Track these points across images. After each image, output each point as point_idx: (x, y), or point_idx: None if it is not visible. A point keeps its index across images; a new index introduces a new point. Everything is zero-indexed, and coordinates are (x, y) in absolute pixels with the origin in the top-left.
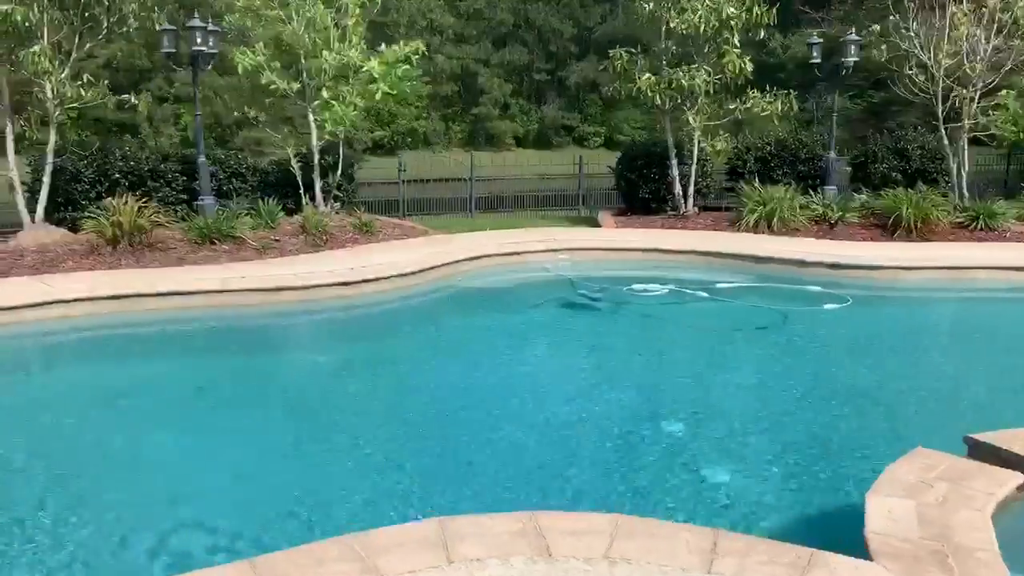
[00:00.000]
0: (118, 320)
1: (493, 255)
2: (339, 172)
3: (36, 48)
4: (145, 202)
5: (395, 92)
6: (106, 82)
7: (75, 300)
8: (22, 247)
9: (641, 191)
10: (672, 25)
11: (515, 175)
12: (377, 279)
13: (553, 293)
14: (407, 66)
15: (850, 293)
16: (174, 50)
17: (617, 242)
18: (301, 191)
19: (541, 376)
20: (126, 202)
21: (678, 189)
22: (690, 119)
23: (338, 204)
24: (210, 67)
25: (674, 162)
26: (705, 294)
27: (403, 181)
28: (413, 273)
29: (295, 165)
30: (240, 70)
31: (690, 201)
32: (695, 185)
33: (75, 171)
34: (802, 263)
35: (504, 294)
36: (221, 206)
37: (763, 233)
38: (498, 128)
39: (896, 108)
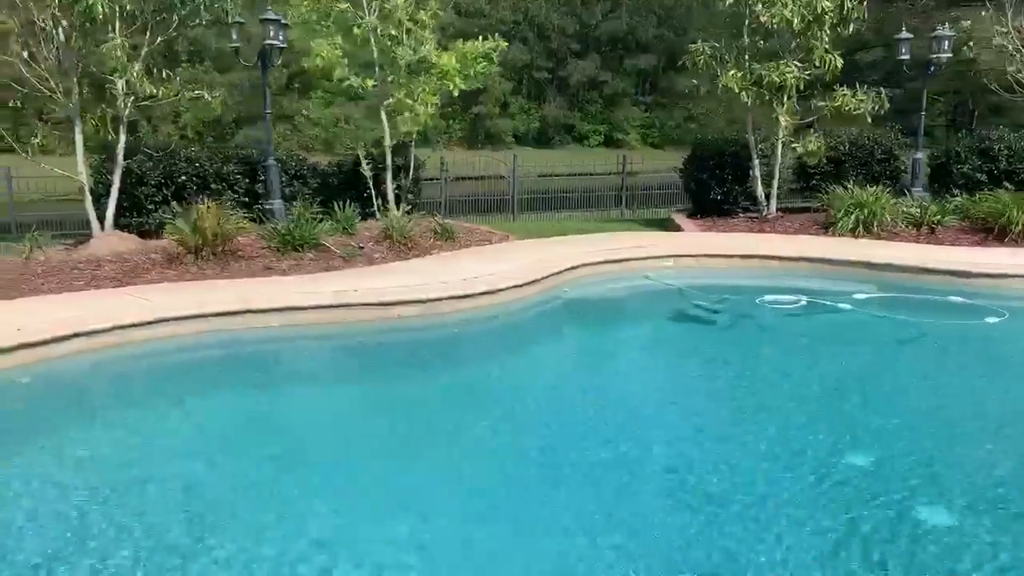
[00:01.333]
0: (240, 338)
1: (595, 263)
2: (411, 173)
3: (118, 41)
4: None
5: (469, 89)
6: (178, 78)
7: (185, 317)
8: (97, 256)
9: (712, 192)
10: (763, 20)
11: (561, 174)
12: (494, 291)
13: (667, 304)
14: (485, 63)
15: (997, 305)
16: (240, 45)
17: (717, 248)
18: (372, 194)
19: (699, 403)
20: (208, 207)
21: (760, 191)
22: (780, 117)
23: (409, 207)
24: (279, 62)
25: (756, 162)
26: (848, 306)
27: (446, 180)
28: (525, 285)
29: (366, 166)
30: (316, 63)
31: (772, 203)
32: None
33: (141, 173)
34: (925, 270)
35: (619, 306)
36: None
37: (862, 238)
38: (498, 127)
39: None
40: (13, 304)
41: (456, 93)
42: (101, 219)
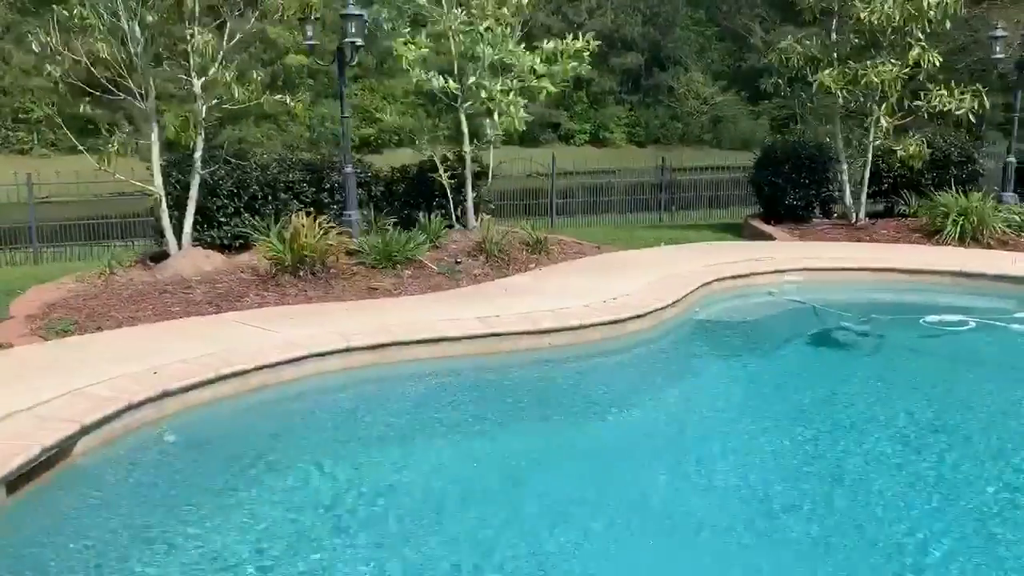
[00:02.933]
0: (399, 373)
1: (723, 279)
2: (489, 180)
3: (208, 36)
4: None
5: (558, 91)
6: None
7: (331, 352)
8: (182, 276)
9: (789, 197)
10: (863, 16)
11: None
12: (642, 315)
13: (810, 326)
14: (575, 63)
15: None
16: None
17: (836, 260)
18: (450, 202)
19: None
20: (303, 221)
21: (849, 197)
22: (882, 118)
23: (487, 217)
24: (355, 62)
25: (845, 166)
26: (1021, 327)
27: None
28: (667, 307)
29: (443, 173)
30: (404, 63)
31: (862, 209)
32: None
33: (212, 183)
34: None
35: (761, 328)
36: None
37: (971, 247)
38: (485, 125)
39: None
40: (120, 337)
41: (544, 96)
42: (177, 234)
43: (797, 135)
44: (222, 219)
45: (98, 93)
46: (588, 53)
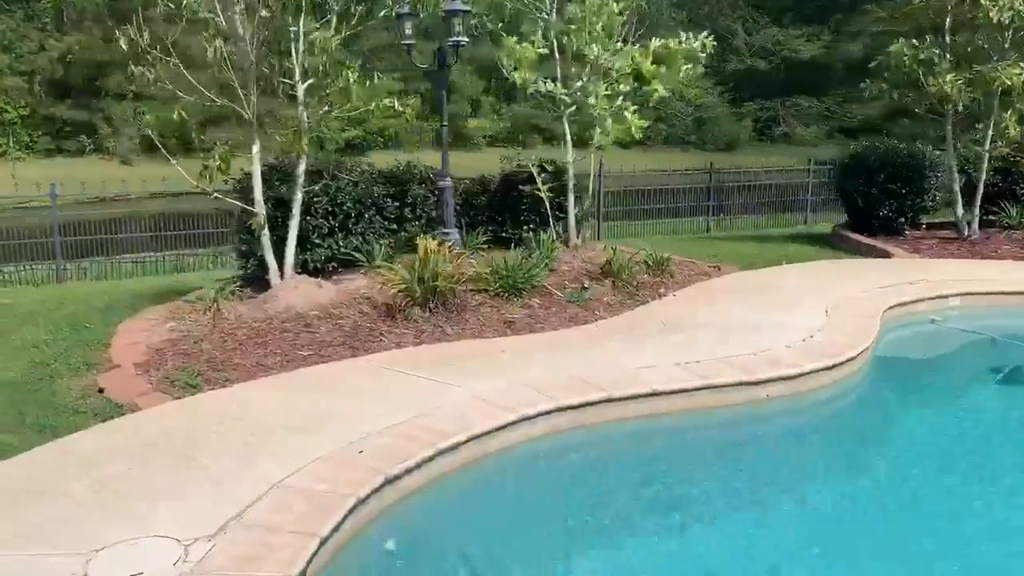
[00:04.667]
0: (611, 436)
1: (889, 308)
2: (591, 192)
3: (331, 35)
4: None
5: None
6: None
7: (538, 415)
8: (297, 311)
9: (882, 208)
10: (992, 15)
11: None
12: (855, 356)
13: (1004, 360)
14: (689, 65)
15: None
16: (413, 41)
17: (993, 282)
18: (550, 218)
19: None
20: (432, 245)
21: (960, 208)
22: (1010, 126)
23: (588, 234)
24: (455, 62)
25: (957, 175)
26: None
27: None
28: (868, 347)
29: (542, 186)
30: (507, 64)
31: (976, 221)
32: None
33: (307, 201)
34: None
35: (951, 364)
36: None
37: None
38: (469, 127)
39: None
40: (266, 394)
41: (654, 100)
42: (280, 263)
43: (880, 142)
44: (316, 240)
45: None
46: (704, 54)
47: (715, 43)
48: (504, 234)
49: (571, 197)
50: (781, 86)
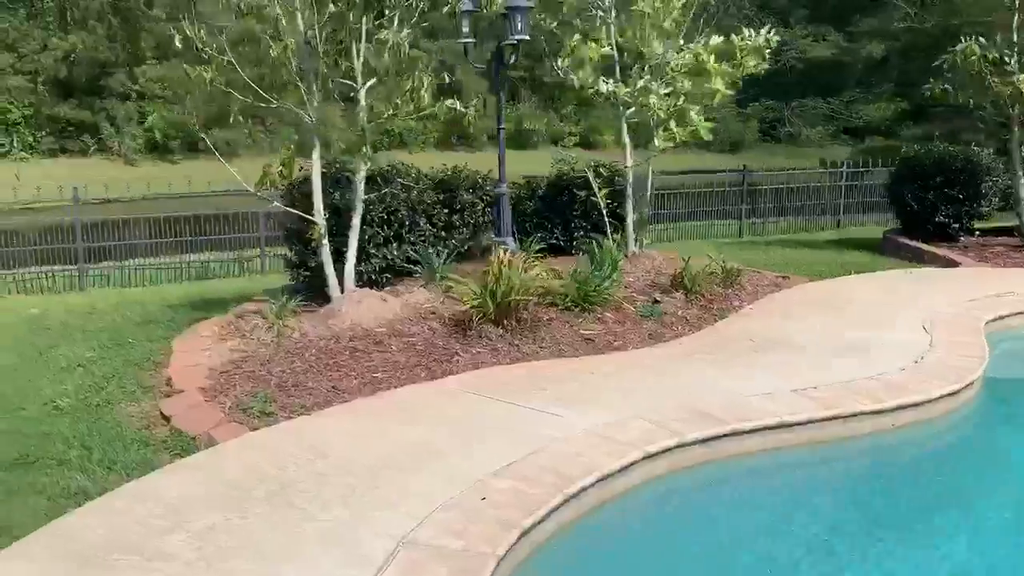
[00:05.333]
0: (737, 473)
1: (987, 323)
2: (648, 196)
3: (403, 34)
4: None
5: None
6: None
7: (660, 452)
8: (363, 328)
9: (939, 213)
10: None
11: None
12: (972, 382)
13: None
14: (755, 62)
15: None
16: (472, 39)
17: None
18: (606, 226)
19: None
20: (506, 258)
21: None
22: None
23: (647, 241)
24: (513, 61)
25: (1022, 180)
26: None
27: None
28: (984, 367)
29: (599, 193)
30: (565, 64)
31: None
32: None
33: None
34: None
35: None
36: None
37: None
38: (476, 127)
39: None
40: (352, 424)
41: (718, 100)
42: (339, 275)
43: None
44: (371, 250)
45: (247, 99)
46: (769, 50)
47: (779, 39)
48: (554, 241)
49: (630, 203)
50: (788, 87)
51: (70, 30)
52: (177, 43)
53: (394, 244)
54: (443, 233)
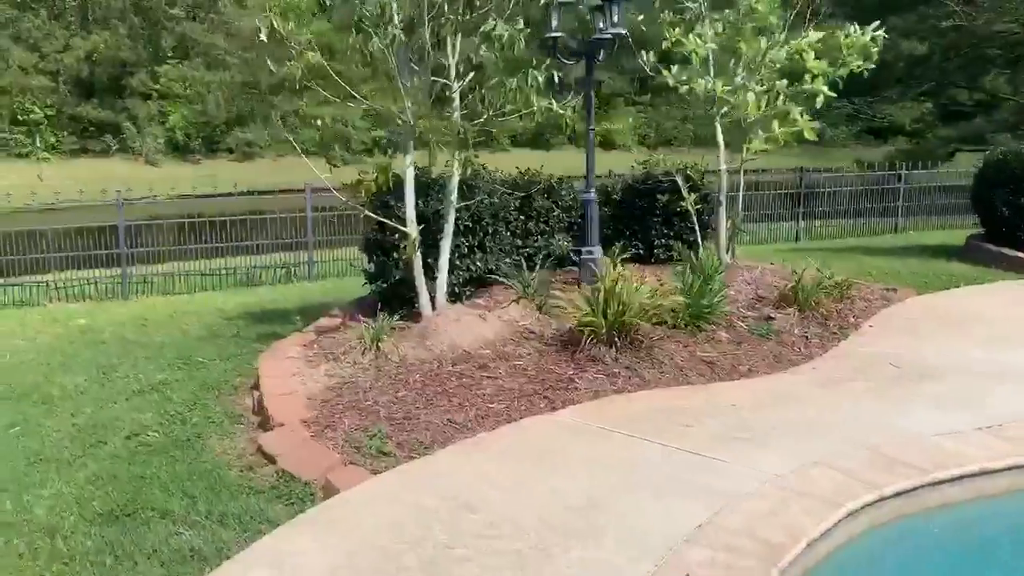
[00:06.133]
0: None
1: None
2: (740, 201)
3: (516, 27)
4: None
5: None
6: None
7: (862, 507)
8: (463, 349)
9: None
10: None
11: None
12: None
13: None
14: (860, 61)
15: None
16: (560, 33)
17: None
18: (697, 233)
19: None
20: (621, 271)
21: None
22: None
23: (737, 251)
24: (610, 56)
25: None
26: None
27: None
28: None
29: (689, 197)
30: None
31: None
32: None
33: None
34: None
35: None
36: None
37: None
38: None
39: None
40: (496, 456)
41: (820, 101)
42: (430, 289)
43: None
44: (455, 261)
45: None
46: (877, 49)
47: (886, 35)
48: (632, 250)
49: (723, 211)
50: None
51: (92, 29)
52: (263, 35)
53: (478, 254)
54: (519, 241)
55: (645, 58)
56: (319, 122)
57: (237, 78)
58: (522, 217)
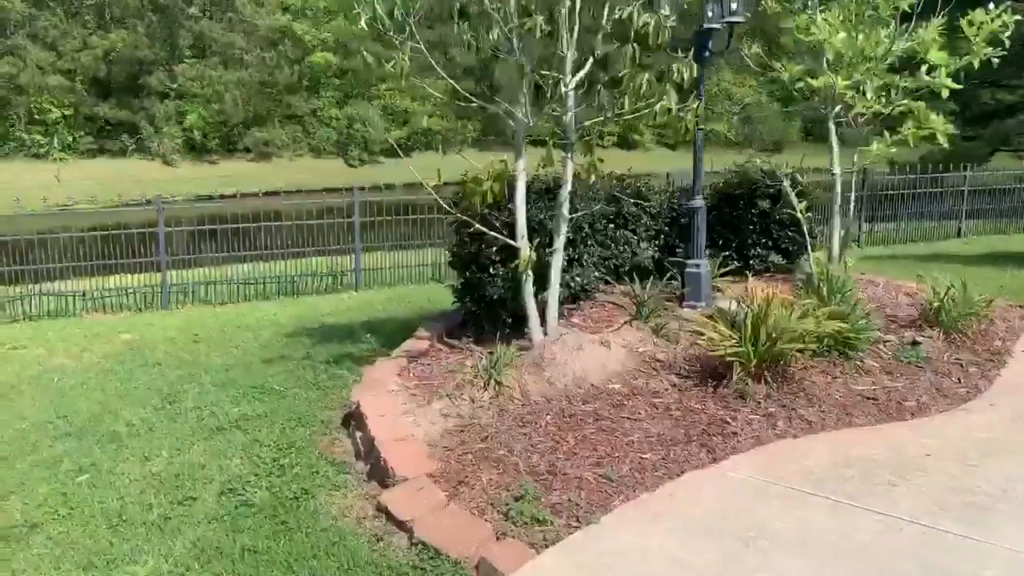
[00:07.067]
0: None
1: None
2: (852, 208)
3: (664, 9)
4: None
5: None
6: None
7: None
8: (591, 382)
9: None
10: None
11: None
12: None
13: None
14: (989, 48)
15: None
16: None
17: None
18: (806, 241)
19: None
20: (768, 291)
21: None
22: None
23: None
24: (727, 47)
25: None
26: None
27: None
28: None
29: (798, 205)
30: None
31: None
32: None
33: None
34: None
35: None
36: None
37: None
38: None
39: None
40: (677, 527)
41: (944, 95)
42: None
43: None
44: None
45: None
46: (1008, 34)
47: (1017, 18)
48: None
49: (838, 219)
50: None
51: (109, 28)
52: (363, 24)
53: (576, 268)
54: (605, 251)
55: (747, 50)
56: (425, 120)
57: (255, 77)
58: (611, 225)
